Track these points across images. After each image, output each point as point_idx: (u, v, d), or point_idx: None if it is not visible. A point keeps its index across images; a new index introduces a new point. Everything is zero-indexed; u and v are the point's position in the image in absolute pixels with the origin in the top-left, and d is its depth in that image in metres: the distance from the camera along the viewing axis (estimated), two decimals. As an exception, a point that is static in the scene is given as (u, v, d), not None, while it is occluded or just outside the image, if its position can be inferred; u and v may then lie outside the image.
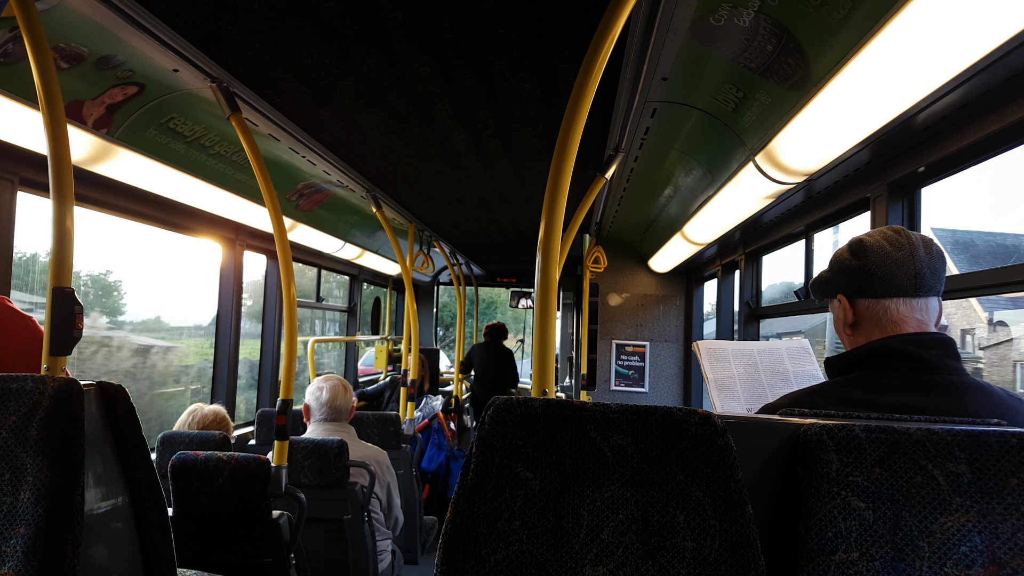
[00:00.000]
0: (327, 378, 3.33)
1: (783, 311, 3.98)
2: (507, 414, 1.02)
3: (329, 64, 2.33)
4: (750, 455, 1.07)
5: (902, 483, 0.99)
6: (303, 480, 2.93)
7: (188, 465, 2.37)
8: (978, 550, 0.97)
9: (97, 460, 1.37)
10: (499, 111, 2.78)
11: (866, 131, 1.85)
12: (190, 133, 2.76)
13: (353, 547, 2.96)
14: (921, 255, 1.34)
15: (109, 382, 1.42)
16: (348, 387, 3.34)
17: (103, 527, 1.38)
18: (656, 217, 4.35)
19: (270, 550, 2.41)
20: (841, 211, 2.75)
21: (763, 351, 2.00)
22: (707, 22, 1.79)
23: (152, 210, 3.34)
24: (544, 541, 0.98)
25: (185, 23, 2.03)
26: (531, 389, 1.41)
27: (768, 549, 1.04)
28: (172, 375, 5.60)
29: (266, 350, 4.79)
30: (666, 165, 3.25)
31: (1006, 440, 0.99)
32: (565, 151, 1.46)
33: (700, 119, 2.49)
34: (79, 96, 2.21)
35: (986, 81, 1.54)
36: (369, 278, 7.03)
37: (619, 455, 0.99)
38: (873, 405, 1.26)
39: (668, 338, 5.76)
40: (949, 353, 1.30)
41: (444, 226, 5.67)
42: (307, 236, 4.59)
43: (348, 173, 3.69)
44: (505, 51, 2.19)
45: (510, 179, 3.97)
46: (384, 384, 6.09)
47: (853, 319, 1.41)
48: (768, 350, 2.01)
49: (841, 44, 1.53)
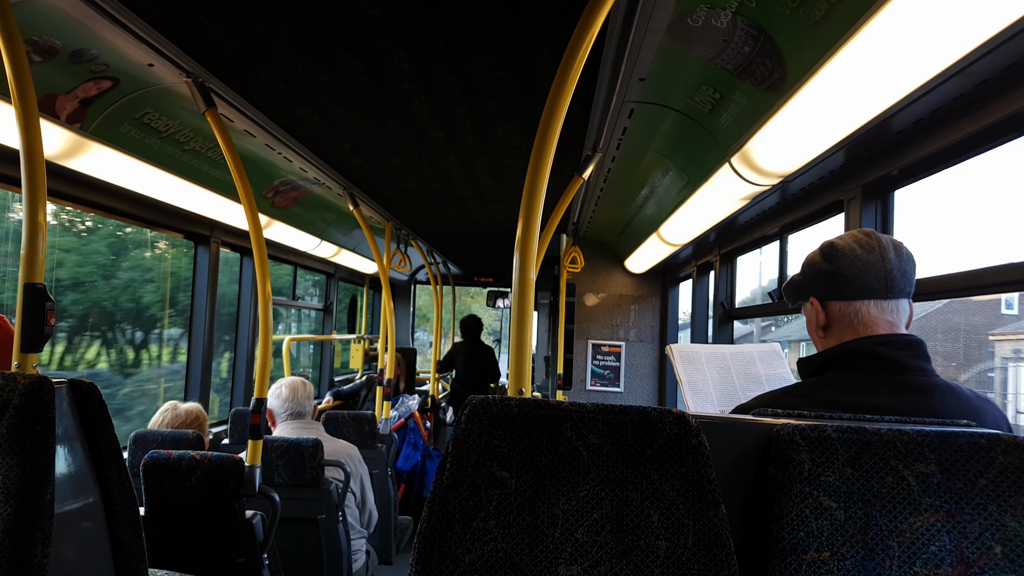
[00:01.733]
0: (285, 379, 3.35)
1: (757, 312, 4.02)
2: (483, 413, 1.02)
3: (306, 60, 2.31)
4: (723, 455, 1.08)
5: (873, 483, 1.00)
6: (277, 479, 2.91)
7: (160, 464, 2.34)
8: (947, 549, 0.98)
9: (68, 458, 1.35)
10: (477, 110, 2.77)
11: (841, 134, 1.87)
12: (165, 128, 2.73)
13: (327, 547, 2.95)
14: (891, 257, 1.36)
15: (81, 380, 1.40)
16: (308, 384, 3.35)
17: (73, 526, 1.36)
18: (633, 218, 4.37)
19: (243, 550, 2.39)
20: (815, 213, 2.78)
21: (735, 354, 2.03)
22: (685, 23, 1.80)
23: (126, 206, 3.29)
24: (519, 540, 0.98)
25: (160, 17, 2.00)
26: (508, 388, 1.41)
27: (741, 548, 1.05)
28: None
29: (240, 348, 4.74)
30: (643, 166, 3.27)
31: (975, 441, 1.01)
32: (543, 151, 1.46)
33: (677, 120, 2.50)
34: (52, 90, 2.17)
35: (958, 86, 1.56)
36: (345, 276, 6.99)
37: (594, 454, 1.00)
38: (845, 406, 1.27)
39: (643, 338, 5.80)
40: (919, 354, 1.32)
41: (421, 225, 5.65)
42: (283, 233, 4.55)
43: (325, 170, 3.67)
44: (483, 49, 2.18)
45: (488, 178, 3.97)
46: (360, 383, 6.06)
47: (825, 321, 1.43)
48: (740, 353, 2.03)
49: (817, 47, 1.54)
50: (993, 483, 0.99)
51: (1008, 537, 0.98)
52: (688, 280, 5.20)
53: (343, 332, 7.13)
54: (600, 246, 5.81)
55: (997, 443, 1.01)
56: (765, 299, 3.71)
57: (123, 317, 4.95)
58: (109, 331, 4.88)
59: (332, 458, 3.07)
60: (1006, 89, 1.55)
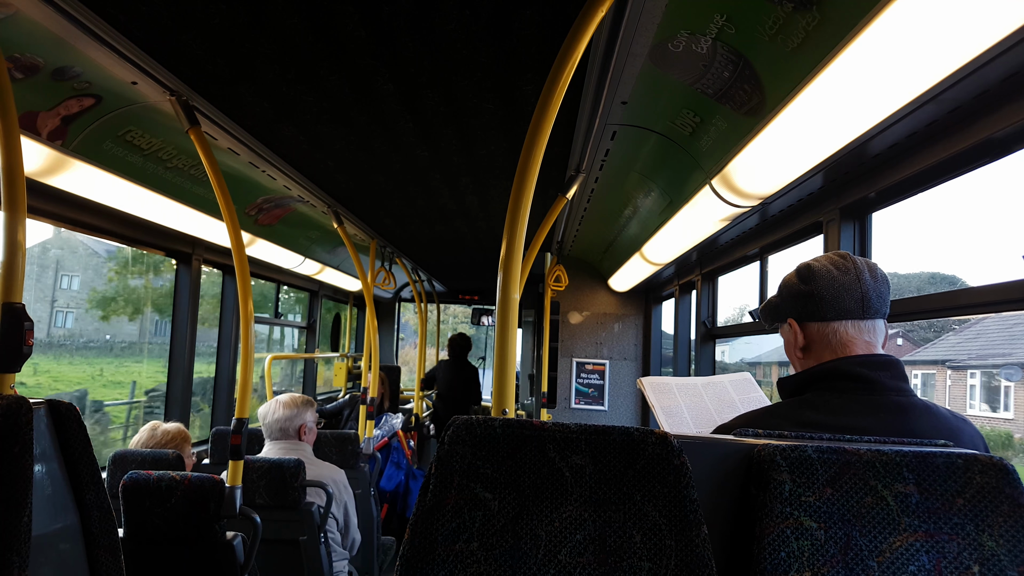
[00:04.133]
0: (279, 396, 3.31)
1: (738, 331, 4.05)
2: (467, 434, 1.02)
3: (291, 80, 2.32)
4: (705, 475, 1.09)
5: (853, 503, 1.02)
6: (258, 500, 2.88)
7: (140, 485, 2.32)
8: (925, 569, 0.99)
9: (46, 480, 1.33)
10: (462, 130, 2.79)
11: (819, 157, 1.90)
12: (148, 146, 2.72)
13: (309, 568, 2.91)
14: (867, 279, 1.39)
15: (59, 400, 1.39)
16: (298, 403, 3.29)
17: (51, 549, 1.34)
18: (616, 237, 4.40)
19: (223, 572, 2.36)
20: (795, 234, 2.81)
21: (707, 384, 2.03)
22: (666, 48, 1.83)
23: (108, 223, 3.27)
24: (502, 562, 0.98)
25: (144, 35, 2.00)
26: (491, 408, 1.41)
27: (723, 568, 1.06)
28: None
29: (222, 367, 4.70)
30: (626, 187, 3.30)
31: (952, 461, 1.02)
32: (527, 171, 1.48)
33: (659, 142, 2.53)
34: (34, 107, 2.16)
35: (932, 112, 1.60)
36: (329, 294, 6.96)
37: (577, 475, 1.00)
38: (824, 425, 1.28)
39: (627, 356, 5.82)
40: (897, 374, 1.34)
41: (406, 242, 5.65)
42: (266, 251, 4.53)
43: (309, 188, 3.67)
44: (468, 72, 2.20)
45: (473, 197, 3.98)
46: (343, 402, 6.01)
47: (804, 342, 1.44)
48: (712, 383, 2.03)
49: (795, 73, 1.57)
50: (970, 503, 1.01)
51: (985, 556, 0.99)
52: (671, 299, 5.24)
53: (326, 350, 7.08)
54: (584, 265, 5.83)
55: (974, 463, 1.02)
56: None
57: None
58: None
59: (316, 480, 3.04)
60: (978, 115, 1.59)
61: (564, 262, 5.27)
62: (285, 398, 3.29)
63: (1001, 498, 1.01)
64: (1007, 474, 1.02)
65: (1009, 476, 1.02)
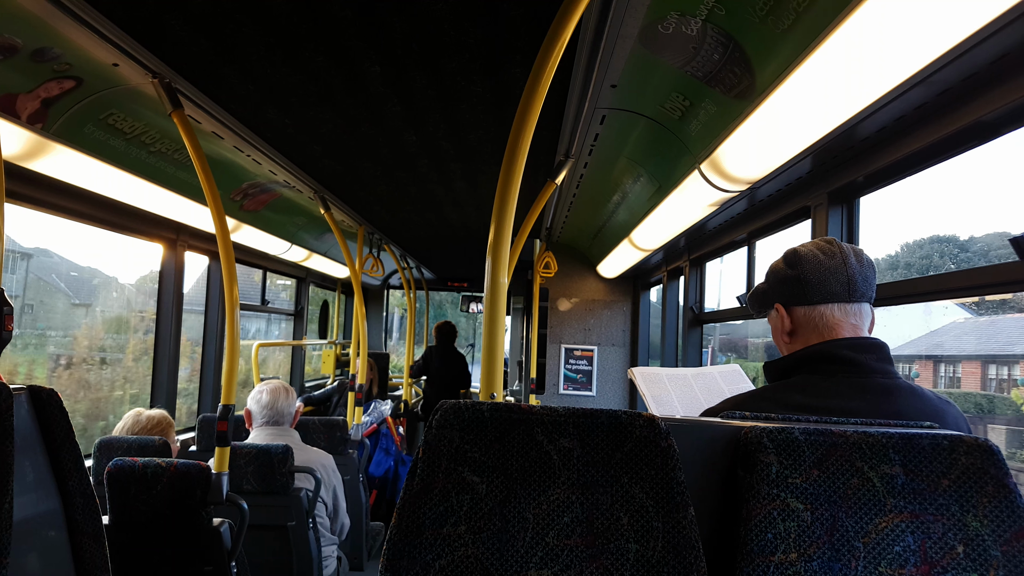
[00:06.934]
0: (268, 382, 3.31)
1: (725, 316, 4.06)
2: (454, 418, 1.01)
3: (276, 61, 2.28)
4: (693, 457, 1.09)
5: (839, 484, 1.02)
6: (246, 486, 2.87)
7: (125, 472, 2.30)
8: (911, 550, 1.00)
9: (27, 467, 1.31)
10: (451, 114, 2.77)
11: (807, 141, 1.90)
12: (130, 130, 2.68)
13: (297, 554, 2.91)
14: (852, 263, 1.39)
15: (40, 386, 1.37)
16: (290, 391, 3.31)
17: (34, 536, 1.32)
18: (605, 223, 4.40)
19: (210, 559, 2.35)
20: (783, 219, 2.82)
21: (697, 375, 2.04)
22: (655, 30, 1.81)
23: (90, 208, 3.23)
24: (490, 545, 0.97)
25: (126, 17, 1.97)
26: (480, 393, 1.41)
27: (710, 550, 1.06)
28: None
29: (208, 354, 4.68)
30: (615, 172, 3.29)
31: (938, 442, 1.03)
32: (515, 156, 1.47)
33: (648, 127, 2.52)
34: (13, 89, 2.12)
35: (921, 95, 1.59)
36: (317, 281, 6.93)
37: (565, 458, 1.00)
38: (811, 408, 1.29)
39: (615, 342, 5.83)
40: (883, 357, 1.35)
41: (394, 229, 5.62)
42: (252, 237, 4.50)
43: (295, 173, 3.63)
44: (456, 53, 2.18)
45: (462, 183, 3.96)
46: (332, 389, 6.00)
47: (791, 327, 1.45)
48: (701, 374, 2.05)
49: (785, 55, 1.57)
50: (955, 483, 1.01)
51: (970, 537, 1.00)
52: (659, 285, 5.25)
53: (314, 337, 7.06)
54: (573, 251, 5.83)
55: (959, 444, 1.03)
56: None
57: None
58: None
59: (304, 465, 3.04)
60: (966, 99, 1.59)
61: (553, 249, 5.26)
62: (279, 387, 3.28)
63: (986, 479, 1.01)
64: (992, 455, 1.02)
65: (994, 457, 1.02)
